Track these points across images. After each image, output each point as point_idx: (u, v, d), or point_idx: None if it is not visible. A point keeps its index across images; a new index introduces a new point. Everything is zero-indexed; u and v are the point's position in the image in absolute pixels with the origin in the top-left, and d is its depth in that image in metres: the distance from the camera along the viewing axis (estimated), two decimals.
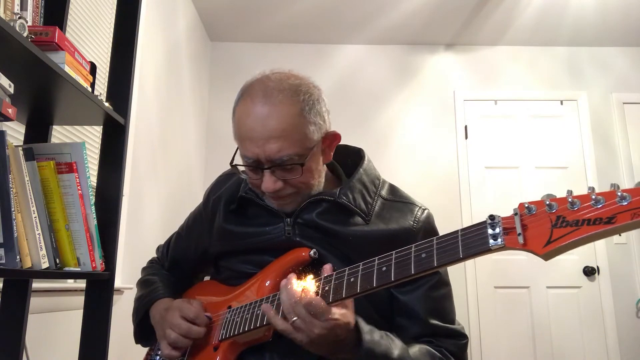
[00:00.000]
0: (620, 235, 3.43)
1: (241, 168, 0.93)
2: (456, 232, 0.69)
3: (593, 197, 0.57)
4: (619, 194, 0.55)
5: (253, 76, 0.96)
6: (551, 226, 0.59)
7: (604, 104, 3.69)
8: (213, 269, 1.12)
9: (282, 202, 0.94)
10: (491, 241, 0.63)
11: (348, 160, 1.07)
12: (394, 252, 0.74)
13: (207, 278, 1.17)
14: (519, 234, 0.61)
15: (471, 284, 3.43)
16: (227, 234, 1.02)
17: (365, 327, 0.82)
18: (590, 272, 3.40)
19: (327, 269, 0.83)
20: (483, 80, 3.77)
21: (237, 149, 0.94)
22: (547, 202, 0.60)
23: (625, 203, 0.54)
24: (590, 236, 0.56)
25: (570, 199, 0.58)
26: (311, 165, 0.91)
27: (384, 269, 0.74)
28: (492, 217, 0.65)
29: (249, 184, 0.98)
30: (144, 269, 1.21)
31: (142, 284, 1.14)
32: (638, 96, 3.68)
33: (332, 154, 0.99)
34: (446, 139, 3.67)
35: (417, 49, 3.82)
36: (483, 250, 0.64)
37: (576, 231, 0.57)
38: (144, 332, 1.08)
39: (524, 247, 0.61)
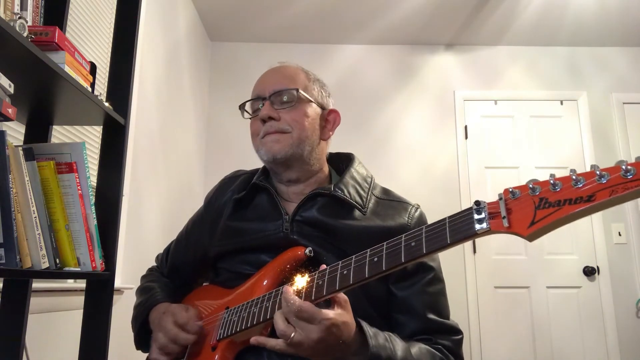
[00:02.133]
0: (620, 234, 3.42)
1: (247, 111, 1.07)
2: (444, 219, 0.70)
3: (574, 177, 0.59)
4: (598, 172, 0.57)
5: None
6: (534, 208, 0.61)
7: (604, 104, 3.69)
8: (212, 272, 1.12)
9: (272, 138, 0.99)
10: (477, 226, 0.65)
11: (341, 165, 1.11)
12: (385, 243, 0.76)
13: (206, 284, 1.18)
14: (504, 217, 0.63)
15: (471, 284, 3.43)
16: (229, 232, 1.04)
17: (370, 330, 0.82)
18: (590, 272, 3.40)
19: (323, 268, 0.84)
20: (483, 80, 3.77)
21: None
22: (531, 186, 0.63)
23: (604, 181, 0.56)
24: (572, 215, 0.58)
25: (552, 181, 0.61)
26: (307, 111, 1.01)
27: (376, 259, 0.75)
28: (477, 202, 0.66)
29: (255, 144, 1.05)
30: (142, 277, 1.22)
31: (140, 291, 1.15)
32: (638, 96, 3.69)
33: (331, 134, 1.07)
34: (446, 139, 3.67)
35: (417, 49, 3.82)
36: (470, 235, 0.66)
37: (558, 211, 0.59)
38: (144, 338, 1.09)
39: (509, 229, 0.62)
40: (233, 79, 3.72)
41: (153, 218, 2.57)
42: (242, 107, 1.07)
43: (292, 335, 0.76)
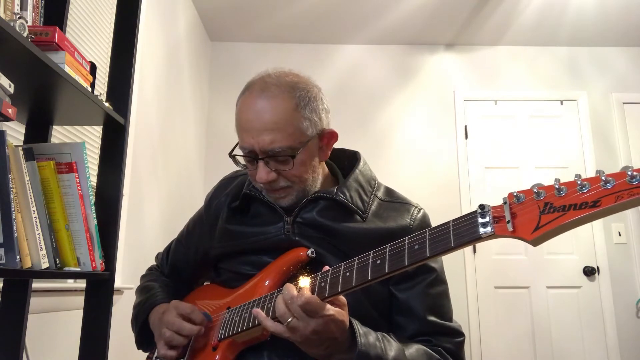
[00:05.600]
0: (620, 234, 3.42)
1: (240, 160, 0.97)
2: (448, 222, 0.70)
3: (579, 182, 0.59)
4: (603, 178, 0.57)
5: (258, 73, 1.00)
6: (539, 212, 0.61)
7: (604, 104, 3.69)
8: (213, 272, 1.12)
9: (277, 195, 0.96)
10: (481, 229, 0.65)
11: (345, 162, 1.09)
12: (388, 245, 0.76)
13: (206, 283, 1.17)
14: (508, 222, 0.63)
15: (471, 284, 3.43)
16: (228, 235, 1.03)
17: (360, 329, 0.82)
18: (590, 272, 3.40)
19: (326, 270, 0.83)
20: (483, 80, 3.77)
21: (238, 142, 0.98)
22: (535, 190, 0.62)
23: (610, 186, 0.56)
24: (577, 220, 0.58)
25: (557, 186, 0.60)
26: (304, 159, 0.94)
27: (379, 262, 0.75)
28: (482, 206, 0.66)
29: (252, 182, 1.01)
30: (142, 277, 1.21)
31: (140, 290, 1.15)
32: (638, 96, 3.69)
33: (329, 152, 1.01)
34: (446, 139, 3.67)
35: (417, 49, 3.82)
36: (474, 239, 0.65)
37: (563, 216, 0.58)
38: (145, 337, 1.09)
39: (513, 234, 0.62)
40: (233, 79, 3.72)
41: (153, 218, 2.57)
42: (231, 155, 0.97)
43: (290, 320, 0.76)
